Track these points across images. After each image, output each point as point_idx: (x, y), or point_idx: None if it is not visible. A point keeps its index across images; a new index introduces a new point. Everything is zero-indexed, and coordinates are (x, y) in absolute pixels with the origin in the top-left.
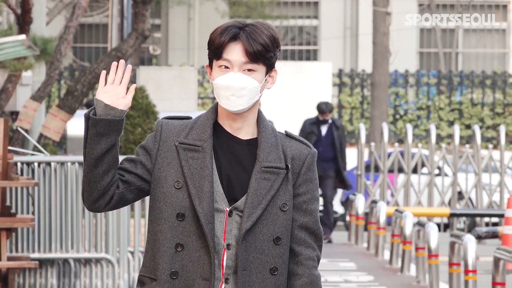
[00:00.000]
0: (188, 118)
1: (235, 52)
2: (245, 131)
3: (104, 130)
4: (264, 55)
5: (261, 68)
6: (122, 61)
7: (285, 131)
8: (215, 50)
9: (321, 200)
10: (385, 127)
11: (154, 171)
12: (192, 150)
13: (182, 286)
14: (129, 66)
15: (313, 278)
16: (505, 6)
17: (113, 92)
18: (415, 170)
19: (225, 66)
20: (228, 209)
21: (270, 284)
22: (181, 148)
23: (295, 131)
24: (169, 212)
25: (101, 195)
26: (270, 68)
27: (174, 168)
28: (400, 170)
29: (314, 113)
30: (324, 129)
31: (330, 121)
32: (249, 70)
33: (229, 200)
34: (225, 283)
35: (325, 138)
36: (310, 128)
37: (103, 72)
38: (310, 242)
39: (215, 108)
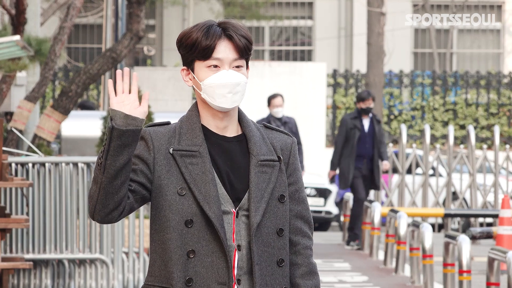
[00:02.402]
0: (168, 123)
1: (226, 50)
2: (231, 129)
3: (127, 140)
4: (249, 48)
5: (244, 64)
6: (126, 69)
7: (263, 123)
8: (203, 52)
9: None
10: None
11: (154, 179)
12: (189, 156)
13: None
14: (135, 74)
15: (311, 267)
16: (499, 7)
17: (127, 101)
18: (409, 171)
19: (214, 65)
20: (234, 210)
21: (278, 276)
22: (178, 155)
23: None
24: (177, 219)
25: (116, 206)
26: (247, 64)
27: (174, 176)
28: (395, 170)
29: (309, 113)
30: (366, 124)
31: (370, 115)
32: (237, 66)
33: (233, 200)
34: (238, 284)
35: (368, 134)
36: (352, 123)
37: (110, 82)
38: (305, 231)
39: (198, 110)
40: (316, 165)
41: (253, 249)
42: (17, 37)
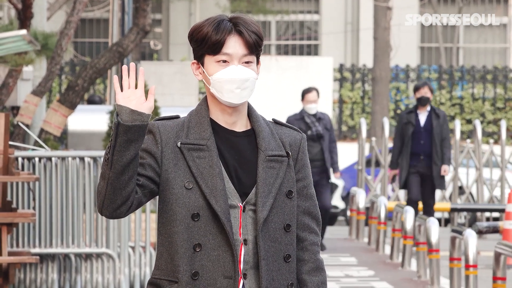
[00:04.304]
0: (177, 117)
1: (235, 45)
2: (240, 124)
3: (134, 136)
4: (260, 44)
5: (254, 60)
6: (133, 64)
7: (273, 119)
8: (213, 46)
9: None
10: (386, 122)
11: (161, 173)
12: (197, 149)
13: (204, 286)
14: (142, 69)
15: (318, 263)
16: (506, 1)
17: (134, 96)
18: None
19: (223, 60)
20: (241, 204)
21: (285, 272)
22: (185, 148)
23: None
24: (183, 213)
25: (124, 201)
26: (257, 60)
27: (182, 169)
28: None
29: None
30: (423, 118)
31: (428, 108)
32: (246, 62)
33: (240, 195)
34: (244, 278)
35: (424, 129)
36: (406, 118)
37: (116, 77)
38: (313, 227)
39: (207, 105)
40: None
41: (260, 244)
42: (23, 32)
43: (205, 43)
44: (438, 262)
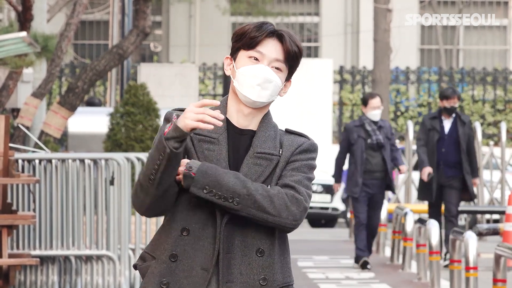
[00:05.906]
0: None
1: (271, 48)
2: (251, 128)
3: (180, 159)
4: (297, 57)
5: (284, 71)
6: (219, 116)
7: (286, 128)
8: (249, 40)
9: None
10: None
11: None
12: (207, 141)
13: (180, 270)
14: (222, 117)
15: (280, 191)
16: (506, 3)
17: (197, 115)
18: (416, 167)
19: (255, 58)
20: None
21: (256, 266)
22: (196, 139)
23: (296, 128)
24: (185, 196)
25: (168, 205)
26: (289, 75)
27: (190, 158)
28: None
29: (315, 110)
30: (447, 125)
31: (454, 115)
32: (276, 68)
33: None
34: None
35: (449, 137)
36: (430, 124)
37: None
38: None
39: (226, 104)
40: (323, 162)
41: (221, 237)
42: (23, 34)
43: (243, 37)
44: (438, 264)
